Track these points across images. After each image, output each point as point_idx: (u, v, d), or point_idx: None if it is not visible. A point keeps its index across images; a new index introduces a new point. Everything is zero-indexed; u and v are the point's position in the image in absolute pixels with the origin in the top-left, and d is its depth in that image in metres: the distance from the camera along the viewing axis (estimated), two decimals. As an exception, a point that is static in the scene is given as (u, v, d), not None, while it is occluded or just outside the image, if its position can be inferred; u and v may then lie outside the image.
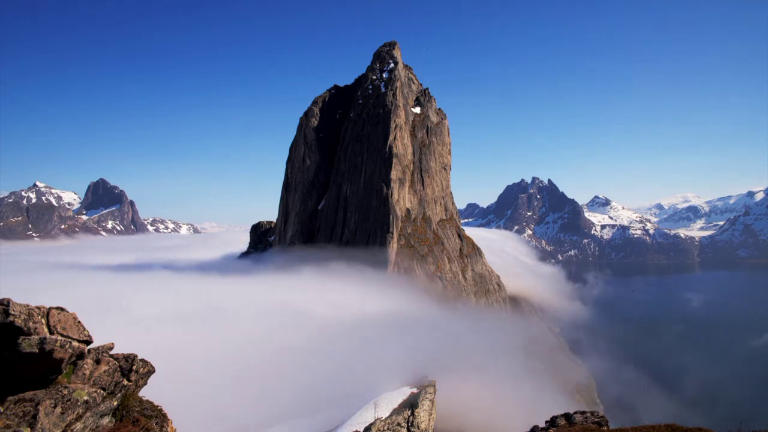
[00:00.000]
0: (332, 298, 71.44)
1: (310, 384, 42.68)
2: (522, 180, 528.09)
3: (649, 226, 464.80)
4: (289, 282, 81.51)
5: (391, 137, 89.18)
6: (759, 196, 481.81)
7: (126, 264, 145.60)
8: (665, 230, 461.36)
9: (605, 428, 16.21)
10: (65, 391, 8.06)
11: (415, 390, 30.18)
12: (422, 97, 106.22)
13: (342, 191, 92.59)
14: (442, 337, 63.72)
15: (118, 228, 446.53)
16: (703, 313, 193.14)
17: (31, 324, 7.63)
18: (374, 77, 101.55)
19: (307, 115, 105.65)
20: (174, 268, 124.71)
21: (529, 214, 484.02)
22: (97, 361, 9.03)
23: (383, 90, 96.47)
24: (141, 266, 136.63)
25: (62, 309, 8.53)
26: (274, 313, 64.14)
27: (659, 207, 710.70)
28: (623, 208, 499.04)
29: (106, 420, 8.75)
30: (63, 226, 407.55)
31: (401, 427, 19.46)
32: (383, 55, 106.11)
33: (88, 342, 8.87)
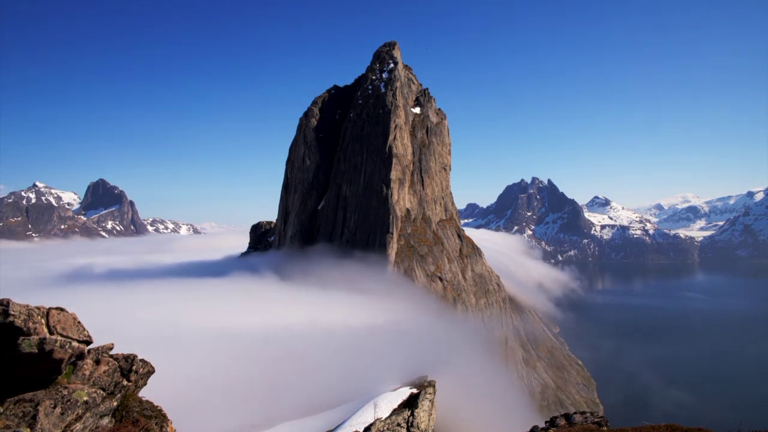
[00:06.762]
0: (332, 299, 71.40)
1: (310, 385, 42.72)
2: (522, 180, 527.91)
3: (648, 226, 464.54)
4: (290, 282, 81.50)
5: (390, 137, 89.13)
6: (759, 196, 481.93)
7: (126, 268, 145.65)
8: (665, 230, 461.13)
9: (605, 428, 16.21)
10: (65, 392, 8.05)
11: (414, 390, 30.15)
12: (422, 97, 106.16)
13: (342, 191, 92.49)
14: (442, 337, 63.72)
15: (117, 228, 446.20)
16: (703, 314, 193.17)
17: (30, 324, 7.61)
18: (374, 77, 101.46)
19: (307, 115, 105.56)
20: (174, 272, 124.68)
21: (528, 214, 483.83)
22: (97, 362, 9.02)
23: (383, 90, 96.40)
24: (141, 270, 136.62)
25: (62, 309, 8.51)
26: (273, 315, 64.08)
27: (659, 207, 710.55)
28: (623, 208, 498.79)
29: (105, 420, 8.74)
30: (63, 227, 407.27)
31: (401, 427, 19.44)
32: (383, 56, 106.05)
33: (88, 342, 8.85)
